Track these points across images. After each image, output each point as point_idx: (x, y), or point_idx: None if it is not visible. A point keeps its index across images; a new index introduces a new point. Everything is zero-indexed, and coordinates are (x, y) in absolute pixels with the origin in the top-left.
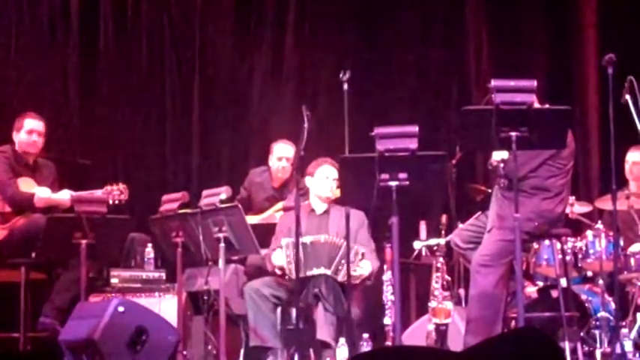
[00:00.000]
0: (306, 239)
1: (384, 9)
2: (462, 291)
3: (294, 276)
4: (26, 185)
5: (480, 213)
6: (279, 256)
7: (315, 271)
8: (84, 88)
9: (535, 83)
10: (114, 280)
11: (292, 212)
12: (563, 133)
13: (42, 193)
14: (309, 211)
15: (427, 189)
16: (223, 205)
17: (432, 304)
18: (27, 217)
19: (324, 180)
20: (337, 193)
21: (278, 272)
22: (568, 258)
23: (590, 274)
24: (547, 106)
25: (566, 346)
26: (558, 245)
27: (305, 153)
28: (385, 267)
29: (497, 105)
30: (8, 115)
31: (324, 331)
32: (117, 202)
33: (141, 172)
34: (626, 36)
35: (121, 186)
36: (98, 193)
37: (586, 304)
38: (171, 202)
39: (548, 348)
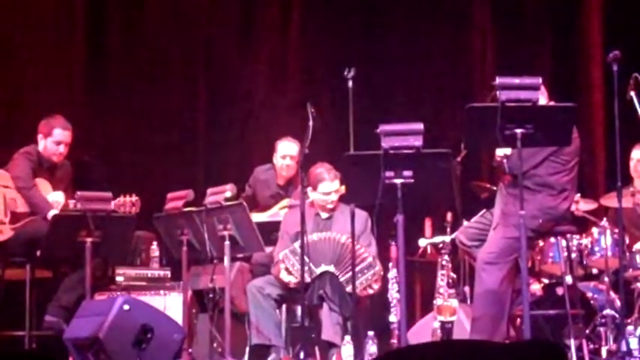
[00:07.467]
0: (309, 237)
1: (389, 4)
2: (467, 288)
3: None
4: (42, 187)
5: (485, 210)
6: (285, 274)
7: (322, 268)
8: (90, 86)
9: (540, 80)
10: (119, 279)
11: (296, 210)
12: (568, 130)
13: (57, 198)
14: (314, 214)
15: (432, 186)
16: (228, 203)
17: (438, 301)
18: (34, 216)
19: (325, 196)
20: (342, 190)
21: (292, 285)
22: (573, 255)
23: (595, 271)
24: (552, 103)
25: (572, 343)
26: (564, 242)
27: (310, 150)
28: (390, 265)
29: (503, 102)
30: (15, 113)
31: (330, 331)
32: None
33: (146, 171)
34: (631, 32)
35: (134, 198)
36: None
37: (591, 302)
38: (176, 200)
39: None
